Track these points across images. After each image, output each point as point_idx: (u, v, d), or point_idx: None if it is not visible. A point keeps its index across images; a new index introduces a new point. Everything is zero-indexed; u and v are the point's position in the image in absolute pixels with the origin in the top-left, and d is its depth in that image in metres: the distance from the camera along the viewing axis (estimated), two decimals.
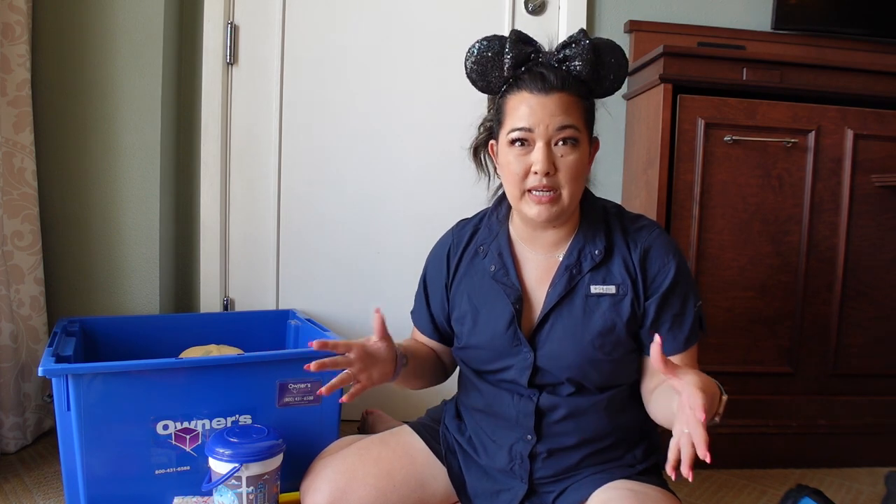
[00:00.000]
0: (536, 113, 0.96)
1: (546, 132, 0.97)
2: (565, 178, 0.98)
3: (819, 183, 1.62)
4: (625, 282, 1.03)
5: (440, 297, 1.16)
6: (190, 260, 1.89)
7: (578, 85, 0.99)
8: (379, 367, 1.00)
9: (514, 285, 1.07)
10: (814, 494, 1.28)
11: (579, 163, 0.98)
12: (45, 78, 1.67)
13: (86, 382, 1.13)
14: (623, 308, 1.03)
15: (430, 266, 1.20)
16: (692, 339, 1.05)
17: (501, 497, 1.08)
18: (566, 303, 1.04)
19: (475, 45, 1.03)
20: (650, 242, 1.04)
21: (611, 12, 1.89)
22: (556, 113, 0.96)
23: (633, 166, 1.81)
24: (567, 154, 0.97)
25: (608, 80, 1.02)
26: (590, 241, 1.05)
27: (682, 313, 1.04)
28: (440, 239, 1.20)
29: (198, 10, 1.82)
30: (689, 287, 1.05)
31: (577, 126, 0.98)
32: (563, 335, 1.03)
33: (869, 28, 1.89)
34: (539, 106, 0.97)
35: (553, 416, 1.04)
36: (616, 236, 1.06)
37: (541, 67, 0.98)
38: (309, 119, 1.88)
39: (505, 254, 1.09)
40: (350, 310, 1.91)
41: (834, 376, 1.67)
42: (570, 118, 0.97)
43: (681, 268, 1.04)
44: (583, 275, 1.04)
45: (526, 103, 0.98)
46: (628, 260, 1.04)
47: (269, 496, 1.13)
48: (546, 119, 0.96)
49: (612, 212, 1.09)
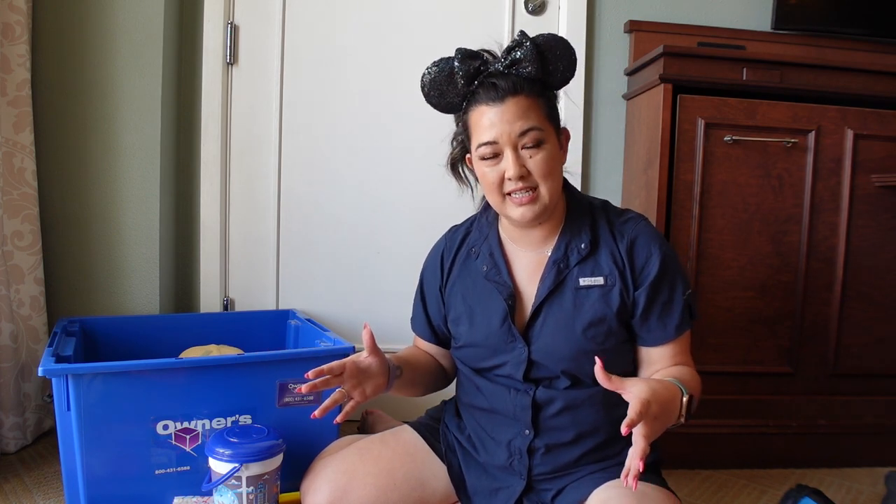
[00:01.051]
0: (496, 124, 0.99)
1: (510, 139, 0.99)
2: (538, 176, 1.01)
3: (819, 183, 1.62)
4: (612, 272, 1.05)
5: (436, 300, 1.19)
6: (190, 260, 1.89)
7: (531, 84, 1.01)
8: (371, 381, 1.03)
9: (505, 283, 1.09)
10: (814, 494, 1.28)
11: (549, 159, 1.01)
12: (45, 78, 1.67)
13: (86, 382, 1.13)
14: (612, 298, 1.05)
15: (425, 271, 1.23)
16: (683, 327, 1.07)
17: (500, 495, 1.09)
18: (556, 296, 1.06)
19: (426, 71, 1.05)
20: (636, 233, 1.07)
21: (611, 12, 1.89)
22: (515, 119, 0.99)
23: (633, 166, 1.81)
24: (535, 154, 1.00)
25: (559, 72, 1.04)
26: (576, 235, 1.08)
27: (671, 300, 1.06)
28: (434, 245, 1.23)
29: (198, 10, 1.82)
30: (676, 275, 1.07)
31: (539, 125, 1.00)
32: (555, 328, 1.05)
33: (869, 28, 1.89)
34: (497, 116, 0.99)
35: (550, 409, 1.05)
36: (602, 229, 1.08)
37: (492, 77, 1.01)
38: (309, 119, 1.88)
39: (496, 253, 1.12)
40: (350, 310, 1.91)
41: (834, 376, 1.67)
42: (530, 120, 0.99)
43: (667, 257, 1.06)
44: (570, 268, 1.06)
45: (486, 116, 1.01)
46: (615, 251, 1.06)
47: (269, 496, 1.13)
48: (507, 127, 0.99)
49: (597, 206, 1.12)
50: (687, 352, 1.09)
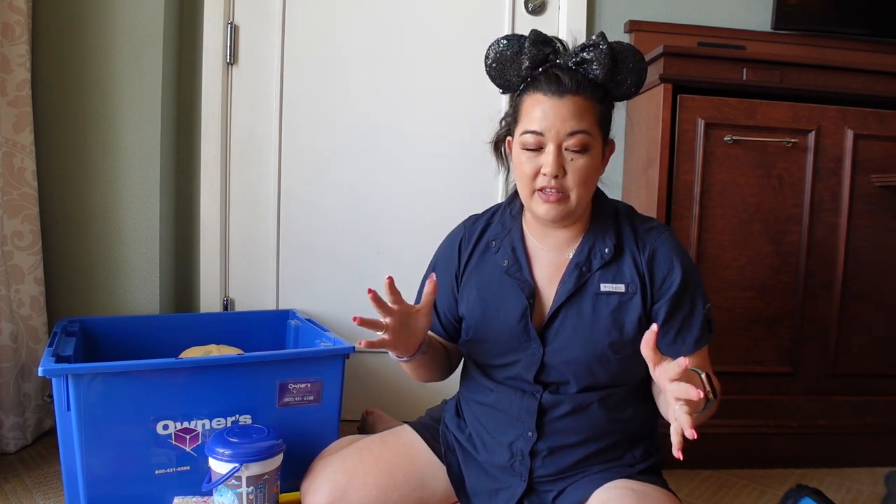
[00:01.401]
0: (549, 117, 0.97)
1: (557, 136, 0.97)
2: (574, 181, 0.99)
3: (819, 183, 1.62)
4: (634, 281, 1.04)
5: (450, 289, 1.16)
6: (190, 260, 1.89)
7: (594, 88, 0.99)
8: (409, 336, 1.02)
9: (526, 280, 1.07)
10: (814, 494, 1.28)
11: (589, 167, 0.99)
12: (45, 78, 1.67)
13: (86, 382, 1.13)
14: (632, 307, 1.03)
15: (439, 260, 1.20)
16: (702, 342, 1.06)
17: (500, 496, 1.08)
18: (576, 300, 1.05)
19: (495, 42, 1.03)
20: (657, 245, 1.05)
21: (611, 12, 1.89)
22: (568, 118, 0.97)
23: (633, 166, 1.81)
24: (577, 158, 0.98)
25: (625, 85, 1.02)
26: (600, 239, 1.06)
27: (691, 315, 1.04)
28: (450, 233, 1.21)
29: (198, 10, 1.82)
30: (697, 289, 1.06)
31: (589, 130, 0.98)
32: (572, 332, 1.04)
33: (869, 28, 1.89)
34: (552, 109, 0.97)
35: (555, 413, 1.05)
36: (626, 236, 1.07)
37: (557, 69, 0.99)
38: (309, 119, 1.88)
39: (518, 249, 1.10)
40: (350, 310, 1.87)
41: (834, 376, 1.67)
42: (583, 123, 0.97)
43: (688, 271, 1.05)
44: (592, 272, 1.05)
45: (539, 106, 0.98)
46: (638, 260, 1.05)
47: (269, 496, 1.13)
48: (558, 123, 0.97)
49: (623, 212, 1.11)
50: (706, 365, 1.07)
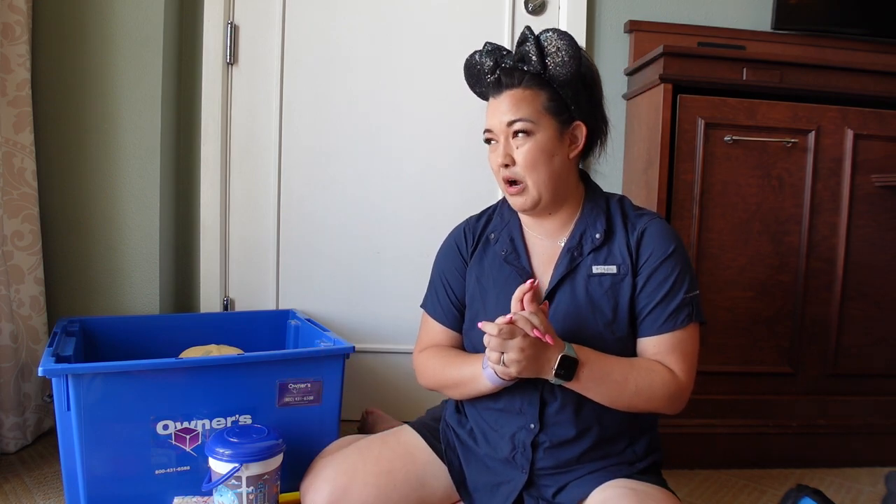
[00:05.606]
0: (493, 114, 1.07)
1: (501, 129, 1.06)
2: (522, 166, 1.05)
3: (819, 183, 1.62)
4: (625, 262, 1.07)
5: (458, 280, 1.19)
6: (190, 260, 1.89)
7: (531, 78, 1.05)
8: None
9: (524, 267, 1.11)
10: (814, 494, 1.28)
11: (534, 150, 1.05)
12: (45, 78, 1.67)
13: (86, 382, 1.13)
14: (624, 287, 1.06)
15: (443, 254, 1.23)
16: (678, 323, 1.04)
17: (501, 489, 1.09)
18: (569, 282, 1.07)
19: (468, 57, 1.12)
20: (648, 225, 1.08)
21: (611, 12, 1.89)
22: (506, 111, 1.05)
23: (633, 166, 1.80)
24: (521, 145, 1.05)
25: (556, 66, 1.05)
26: (591, 225, 1.10)
27: (670, 292, 1.05)
28: (450, 233, 1.24)
29: (198, 10, 1.82)
30: (683, 272, 1.06)
31: (529, 117, 1.04)
32: (566, 312, 1.06)
33: (869, 28, 1.89)
34: (494, 107, 1.07)
35: (556, 404, 1.05)
36: (616, 220, 1.10)
37: (501, 72, 1.07)
38: (309, 119, 1.88)
39: (516, 238, 1.14)
40: (350, 310, 1.91)
41: (834, 376, 1.67)
42: (520, 112, 1.04)
43: (675, 251, 1.06)
44: (584, 256, 1.08)
45: (489, 107, 1.09)
46: (629, 241, 1.08)
47: (269, 496, 1.13)
48: (499, 117, 1.06)
49: (614, 200, 1.14)
50: (677, 353, 1.04)
